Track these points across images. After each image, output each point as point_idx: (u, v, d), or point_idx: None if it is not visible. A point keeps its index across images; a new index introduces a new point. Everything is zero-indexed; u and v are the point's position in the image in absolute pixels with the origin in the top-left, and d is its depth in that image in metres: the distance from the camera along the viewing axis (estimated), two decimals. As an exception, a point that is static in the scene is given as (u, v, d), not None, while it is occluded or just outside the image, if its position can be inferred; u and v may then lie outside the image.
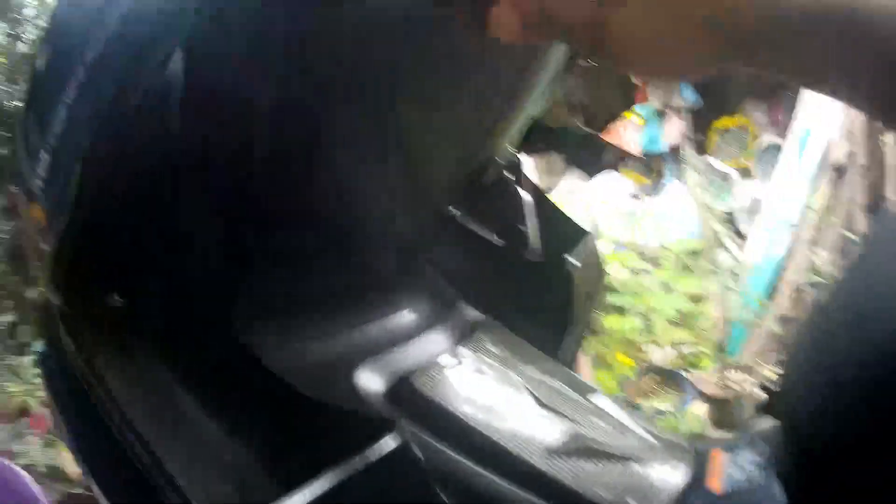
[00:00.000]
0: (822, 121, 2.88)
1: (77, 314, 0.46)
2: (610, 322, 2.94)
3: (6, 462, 1.36)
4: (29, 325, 5.09)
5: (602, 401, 0.61)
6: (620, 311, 3.00)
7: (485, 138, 0.59)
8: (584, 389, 0.59)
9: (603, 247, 3.74)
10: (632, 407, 2.62)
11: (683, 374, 2.73)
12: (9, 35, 5.13)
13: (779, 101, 3.51)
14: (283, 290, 0.51)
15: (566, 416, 0.56)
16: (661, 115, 4.05)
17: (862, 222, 2.73)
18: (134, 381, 0.45)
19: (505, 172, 0.68)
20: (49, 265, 0.43)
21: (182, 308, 0.45)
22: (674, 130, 3.85)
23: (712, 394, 2.44)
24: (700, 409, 2.47)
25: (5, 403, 4.01)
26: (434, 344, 0.58)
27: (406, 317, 0.60)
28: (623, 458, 0.60)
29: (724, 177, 3.63)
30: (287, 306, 0.52)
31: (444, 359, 0.55)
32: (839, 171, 2.82)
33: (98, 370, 0.44)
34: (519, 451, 0.51)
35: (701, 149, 3.78)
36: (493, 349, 0.59)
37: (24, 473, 1.31)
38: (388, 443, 0.41)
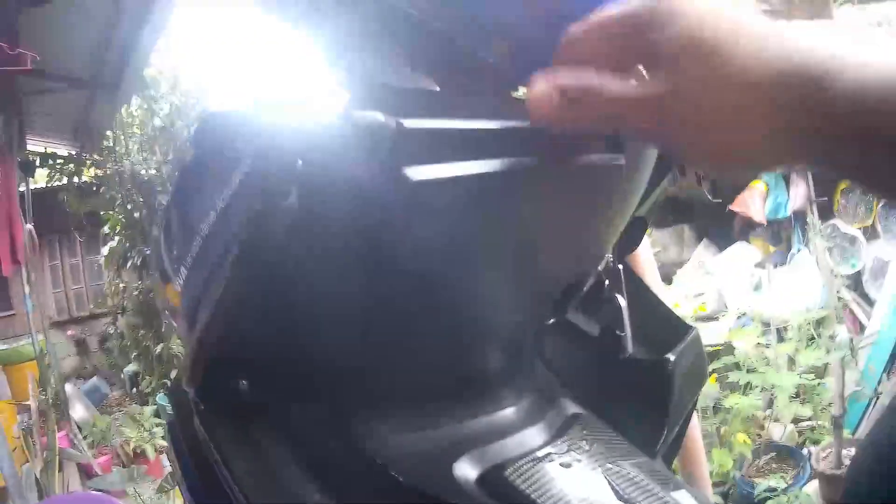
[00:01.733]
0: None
1: (210, 406, 0.52)
2: (732, 400, 2.93)
3: (115, 501, 1.64)
4: (152, 376, 5.50)
5: (684, 497, 0.59)
6: (743, 388, 2.98)
7: (588, 253, 0.63)
8: (669, 485, 0.59)
9: (728, 320, 3.72)
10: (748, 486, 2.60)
11: (802, 451, 2.69)
12: (144, 109, 5.62)
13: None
14: (395, 385, 0.56)
15: None
16: (785, 179, 4.00)
17: None
18: (258, 467, 0.51)
19: (604, 278, 0.71)
20: (188, 362, 0.50)
21: (305, 396, 0.53)
22: (799, 195, 3.78)
23: (825, 471, 2.40)
24: (812, 487, 2.44)
25: (124, 448, 4.46)
26: (531, 438, 0.61)
27: (508, 413, 0.63)
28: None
29: (852, 240, 3.52)
30: (397, 400, 0.57)
31: (537, 452, 0.59)
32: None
33: (224, 455, 0.50)
34: None
35: (826, 211, 3.69)
36: (584, 445, 0.61)
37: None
38: None
